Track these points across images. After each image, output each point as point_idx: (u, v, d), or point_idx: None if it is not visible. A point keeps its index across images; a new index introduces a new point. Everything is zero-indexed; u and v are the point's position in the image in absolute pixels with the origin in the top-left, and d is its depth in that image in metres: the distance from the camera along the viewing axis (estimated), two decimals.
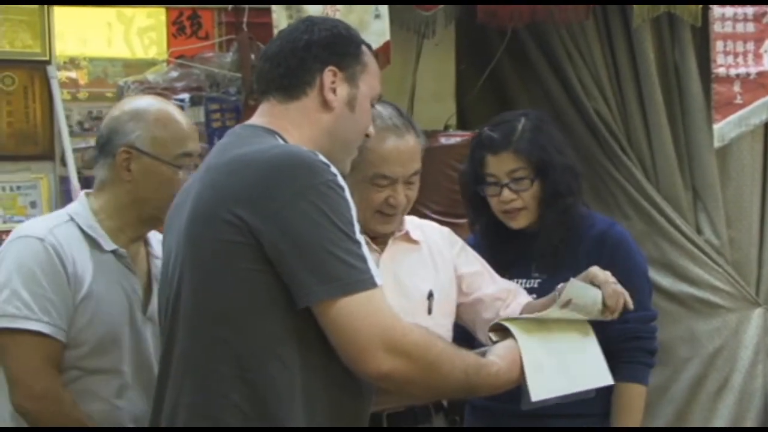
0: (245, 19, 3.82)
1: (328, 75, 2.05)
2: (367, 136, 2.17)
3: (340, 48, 2.07)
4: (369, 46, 2.16)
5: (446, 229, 2.83)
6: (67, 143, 3.69)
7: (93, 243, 2.37)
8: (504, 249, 2.90)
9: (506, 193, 2.82)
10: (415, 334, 1.93)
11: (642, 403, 2.83)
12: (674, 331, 4.06)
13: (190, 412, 1.93)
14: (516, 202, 2.81)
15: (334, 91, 2.05)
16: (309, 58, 2.05)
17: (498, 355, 2.08)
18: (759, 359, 4.10)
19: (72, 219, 2.37)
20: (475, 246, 2.98)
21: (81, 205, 2.41)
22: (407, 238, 2.71)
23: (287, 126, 2.04)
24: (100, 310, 2.34)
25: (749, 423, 4.08)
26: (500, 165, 2.82)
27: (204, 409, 1.91)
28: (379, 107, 2.56)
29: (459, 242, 2.81)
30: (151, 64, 3.86)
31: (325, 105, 2.06)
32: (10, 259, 2.31)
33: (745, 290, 4.09)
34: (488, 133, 2.87)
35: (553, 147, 2.82)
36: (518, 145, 2.80)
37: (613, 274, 2.62)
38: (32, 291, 2.26)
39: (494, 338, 2.20)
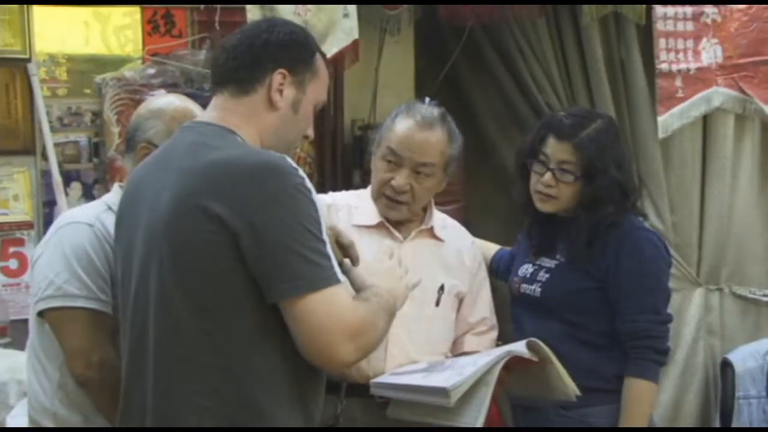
0: (218, 18, 3.93)
1: (278, 76, 2.14)
2: (306, 137, 2.29)
3: (295, 53, 2.17)
4: (323, 55, 2.27)
5: (476, 247, 3.00)
6: (48, 138, 3.79)
7: None
8: (540, 228, 3.04)
9: (548, 177, 2.90)
10: (370, 334, 2.05)
11: (650, 399, 2.90)
12: None
13: (170, 400, 2.03)
14: (552, 189, 2.90)
15: (281, 92, 2.14)
16: (264, 56, 2.14)
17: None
18: (700, 336, 4.33)
19: (110, 208, 2.54)
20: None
21: (116, 195, 2.56)
22: (431, 233, 2.85)
23: (238, 122, 2.12)
24: None
25: (692, 396, 4.32)
26: (556, 151, 2.90)
27: (183, 396, 2.01)
28: (421, 104, 2.78)
29: (480, 258, 2.98)
30: (127, 61, 3.94)
31: (271, 104, 2.14)
32: (66, 243, 2.50)
33: (687, 271, 4.31)
34: (561, 117, 2.95)
35: (611, 157, 2.89)
36: (581, 142, 2.87)
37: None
38: (89, 272, 2.46)
39: None
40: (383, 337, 2.13)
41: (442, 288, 2.81)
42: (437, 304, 2.80)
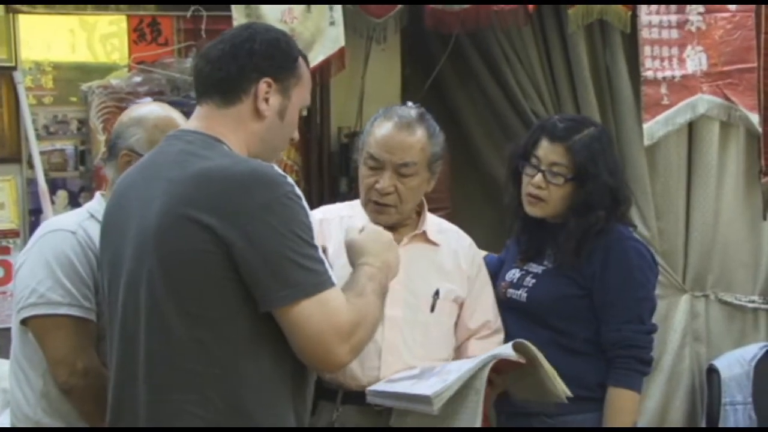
0: (204, 26, 3.94)
1: (263, 86, 2.15)
2: (291, 140, 2.30)
3: (278, 61, 2.18)
4: (305, 58, 2.27)
5: (475, 249, 2.97)
6: (34, 146, 3.80)
7: None
8: (529, 233, 3.05)
9: (539, 178, 2.92)
10: (364, 329, 2.08)
11: (632, 408, 2.91)
12: None
13: (162, 409, 2.05)
14: (542, 191, 2.92)
15: (266, 101, 2.15)
16: (249, 66, 2.14)
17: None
18: (686, 342, 4.34)
19: (92, 216, 2.56)
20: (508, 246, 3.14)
21: (98, 203, 2.60)
22: (425, 237, 2.84)
23: (225, 132, 2.13)
24: None
25: (678, 401, 4.33)
26: (548, 153, 2.92)
27: (175, 404, 2.03)
28: (399, 106, 2.78)
29: (480, 260, 2.97)
30: (113, 69, 3.95)
31: (257, 113, 2.16)
32: (49, 250, 2.50)
33: (673, 278, 4.33)
34: (555, 121, 2.99)
35: (604, 164, 2.90)
36: (574, 145, 2.89)
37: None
38: (72, 279, 2.46)
39: None
40: (377, 325, 2.17)
41: (437, 293, 2.80)
42: (432, 309, 2.78)
